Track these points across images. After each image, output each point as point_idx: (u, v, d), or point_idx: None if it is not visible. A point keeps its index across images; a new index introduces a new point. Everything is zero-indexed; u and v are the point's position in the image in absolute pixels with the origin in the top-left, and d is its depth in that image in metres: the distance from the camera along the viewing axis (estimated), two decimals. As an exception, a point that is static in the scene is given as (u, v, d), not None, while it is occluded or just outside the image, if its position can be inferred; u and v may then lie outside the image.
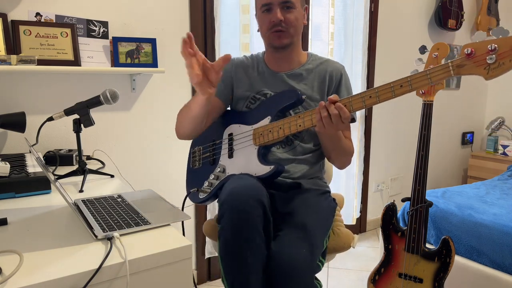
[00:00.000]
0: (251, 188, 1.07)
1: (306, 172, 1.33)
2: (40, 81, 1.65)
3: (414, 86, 1.03)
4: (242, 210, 1.02)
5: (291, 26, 1.26)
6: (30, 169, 1.23)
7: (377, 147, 2.97)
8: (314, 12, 2.47)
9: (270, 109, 1.27)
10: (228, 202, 1.04)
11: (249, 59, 1.43)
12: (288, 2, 1.24)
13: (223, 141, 1.35)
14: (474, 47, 0.98)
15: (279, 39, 1.27)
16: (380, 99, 1.06)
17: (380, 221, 1.65)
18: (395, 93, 1.05)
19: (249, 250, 1.01)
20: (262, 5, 1.26)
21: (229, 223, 1.02)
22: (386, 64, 2.91)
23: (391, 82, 1.05)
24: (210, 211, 2.15)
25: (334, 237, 1.27)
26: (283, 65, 1.35)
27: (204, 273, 2.24)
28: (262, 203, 1.05)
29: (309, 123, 1.16)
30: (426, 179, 1.56)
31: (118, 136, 1.87)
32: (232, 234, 1.02)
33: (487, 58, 0.96)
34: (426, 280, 1.54)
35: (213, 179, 1.31)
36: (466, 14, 3.41)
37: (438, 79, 1.01)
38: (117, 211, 0.95)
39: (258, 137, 1.26)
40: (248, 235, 1.02)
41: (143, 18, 1.87)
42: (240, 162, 1.27)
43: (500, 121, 3.41)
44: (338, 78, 1.35)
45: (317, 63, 1.37)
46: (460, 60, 1.01)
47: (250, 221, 1.02)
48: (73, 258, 0.72)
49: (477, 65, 0.98)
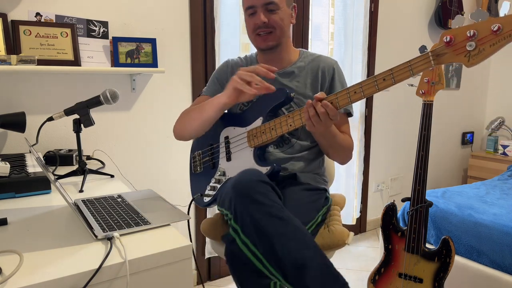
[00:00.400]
0: (250, 173, 1.06)
1: (304, 169, 1.34)
2: (40, 81, 1.65)
3: (397, 78, 1.02)
4: (248, 187, 1.01)
5: (276, 27, 1.26)
6: (30, 169, 1.23)
7: (377, 147, 2.97)
8: (314, 12, 2.47)
9: (261, 110, 1.28)
10: (234, 190, 1.02)
11: (243, 60, 1.44)
12: (271, 3, 1.23)
13: (220, 144, 1.36)
14: (452, 33, 0.94)
15: (264, 42, 1.28)
16: (365, 93, 1.06)
17: (380, 221, 1.65)
18: (378, 87, 1.04)
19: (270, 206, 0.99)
20: (246, 8, 1.27)
21: (238, 199, 1.00)
22: (386, 64, 2.91)
23: (374, 76, 1.05)
24: (210, 210, 2.15)
25: (329, 234, 1.28)
26: (275, 65, 1.35)
27: (204, 273, 2.24)
28: (267, 182, 1.04)
29: (298, 122, 1.17)
30: (426, 179, 1.56)
31: (118, 136, 1.87)
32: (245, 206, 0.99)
33: (466, 45, 0.92)
34: (426, 280, 1.54)
35: (214, 183, 1.32)
36: (466, 14, 3.41)
37: (419, 70, 0.99)
38: (117, 211, 0.95)
39: (252, 139, 1.27)
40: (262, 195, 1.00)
41: (143, 18, 1.87)
42: (238, 165, 1.28)
43: (500, 121, 3.41)
44: (331, 73, 1.35)
45: (309, 60, 1.38)
46: (439, 49, 0.96)
47: (258, 188, 1.01)
48: (73, 258, 0.72)
49: (457, 53, 0.94)
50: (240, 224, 1.00)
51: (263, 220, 0.97)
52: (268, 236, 0.96)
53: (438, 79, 1.51)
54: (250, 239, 0.99)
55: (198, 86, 2.05)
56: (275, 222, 0.98)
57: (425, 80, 1.54)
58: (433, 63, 0.97)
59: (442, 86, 1.51)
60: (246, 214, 0.98)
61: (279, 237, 0.96)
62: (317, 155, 1.39)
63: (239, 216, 1.00)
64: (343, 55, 2.60)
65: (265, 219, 0.97)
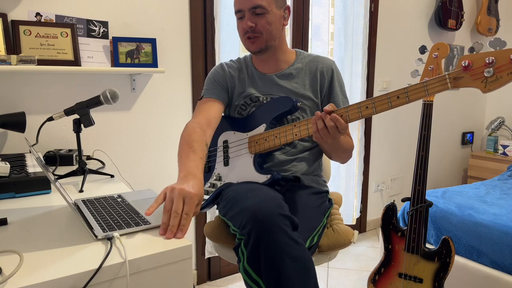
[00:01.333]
0: (272, 203, 1.02)
1: (306, 170, 1.34)
2: (40, 81, 1.65)
3: (412, 97, 1.02)
4: (270, 221, 0.97)
5: (263, 32, 1.25)
6: (30, 169, 1.23)
7: (377, 147, 2.97)
8: (314, 12, 2.47)
9: (265, 116, 1.27)
10: (253, 218, 0.98)
11: (237, 62, 1.42)
12: (258, 7, 1.22)
13: (218, 148, 1.34)
14: (471, 59, 0.96)
15: (253, 45, 1.27)
16: (377, 110, 1.05)
17: (380, 221, 1.65)
18: (391, 104, 1.04)
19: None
20: (235, 12, 1.27)
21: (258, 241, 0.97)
22: (386, 64, 2.91)
23: (388, 93, 1.05)
24: (210, 211, 2.16)
25: (334, 234, 1.28)
26: (270, 66, 1.35)
27: (204, 273, 2.24)
28: (286, 215, 1.01)
29: (305, 132, 1.16)
30: (426, 179, 1.56)
31: (118, 136, 1.87)
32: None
33: (484, 71, 0.94)
34: (426, 280, 1.54)
35: (209, 187, 1.31)
36: (466, 14, 3.41)
37: (434, 91, 1.00)
38: (117, 211, 0.95)
39: (253, 145, 1.25)
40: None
41: (143, 18, 1.87)
42: (236, 170, 1.27)
43: (500, 121, 3.41)
44: (330, 74, 1.34)
45: (307, 60, 1.37)
46: (457, 73, 0.98)
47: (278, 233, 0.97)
48: (73, 258, 0.72)
49: (474, 78, 0.96)
50: (249, 253, 0.99)
51: (279, 260, 0.96)
52: (280, 278, 0.95)
53: (438, 79, 1.51)
54: (254, 269, 0.98)
55: (198, 86, 2.05)
56: (291, 264, 0.96)
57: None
58: (450, 86, 0.98)
59: (442, 86, 1.51)
60: (263, 248, 0.96)
61: (292, 281, 0.96)
62: (317, 156, 1.39)
63: (251, 246, 0.98)
64: (343, 55, 2.60)
65: (282, 260, 0.96)
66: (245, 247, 1.00)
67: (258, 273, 0.98)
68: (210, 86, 1.39)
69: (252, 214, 0.98)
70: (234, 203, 1.09)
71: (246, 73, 1.38)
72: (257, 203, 1.01)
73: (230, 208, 1.10)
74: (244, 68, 1.39)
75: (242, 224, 1.00)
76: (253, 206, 1.00)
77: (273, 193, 1.10)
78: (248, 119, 1.31)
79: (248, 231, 0.98)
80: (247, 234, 0.99)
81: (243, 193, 1.10)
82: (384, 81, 2.91)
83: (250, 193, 1.08)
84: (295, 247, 0.99)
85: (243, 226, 1.00)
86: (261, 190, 1.11)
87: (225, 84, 1.38)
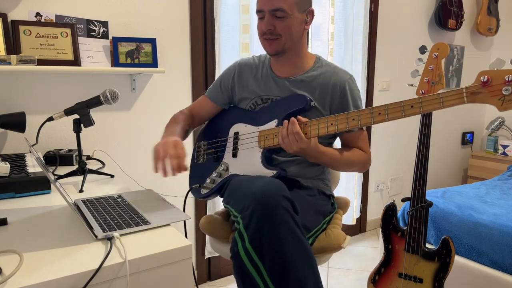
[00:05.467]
0: (276, 186, 1.04)
1: (307, 173, 1.32)
2: (40, 81, 1.65)
3: (425, 108, 1.01)
4: (274, 202, 0.99)
5: (282, 35, 1.21)
6: (30, 169, 1.23)
7: (377, 147, 2.97)
8: (314, 12, 2.46)
9: (277, 112, 1.26)
10: (256, 199, 1.00)
11: (256, 60, 1.40)
12: (278, 10, 1.18)
13: (229, 139, 1.34)
14: (491, 75, 0.94)
15: (269, 47, 1.25)
16: (390, 117, 1.06)
17: (380, 221, 1.65)
18: (405, 113, 1.04)
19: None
20: (256, 11, 1.25)
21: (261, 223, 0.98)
22: (386, 64, 2.91)
23: (386, 105, 1.05)
24: (210, 210, 2.16)
25: (325, 237, 1.26)
26: (286, 70, 1.32)
27: (204, 273, 2.24)
28: (289, 198, 1.03)
29: (315, 132, 1.15)
30: (426, 179, 1.56)
31: (118, 136, 1.87)
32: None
33: (503, 89, 0.92)
34: (426, 280, 1.54)
35: (215, 176, 1.31)
36: (466, 14, 3.41)
37: (450, 104, 0.98)
38: (117, 211, 0.95)
39: (263, 139, 1.25)
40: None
41: (143, 18, 1.87)
42: (244, 163, 1.27)
43: (500, 121, 3.41)
44: (342, 89, 1.28)
45: (323, 70, 1.31)
46: (475, 88, 0.96)
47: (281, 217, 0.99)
48: (73, 258, 0.72)
49: (491, 95, 0.94)
50: (251, 234, 0.98)
51: (284, 240, 0.96)
52: (284, 257, 0.96)
53: (438, 79, 1.51)
54: (256, 251, 0.98)
55: (198, 86, 2.05)
56: (294, 244, 0.98)
57: (425, 80, 1.54)
58: (466, 100, 0.97)
59: (442, 86, 1.51)
60: (266, 228, 0.97)
61: (295, 263, 0.97)
62: None
63: (254, 226, 0.98)
64: (343, 55, 2.60)
65: (286, 239, 0.97)
66: (245, 228, 0.99)
67: (260, 255, 0.98)
68: (214, 86, 1.44)
69: (255, 196, 1.00)
70: (238, 189, 1.10)
71: (261, 72, 1.36)
72: (261, 186, 1.02)
73: (233, 194, 1.11)
74: (261, 66, 1.37)
75: (245, 207, 1.01)
76: (257, 188, 1.02)
77: (277, 180, 1.10)
78: (261, 113, 1.30)
79: (250, 212, 0.99)
80: (249, 215, 0.99)
81: (247, 180, 1.11)
82: (384, 81, 2.91)
83: (253, 180, 1.10)
84: (298, 231, 1.00)
85: (245, 208, 1.01)
86: (265, 178, 1.12)
87: (228, 85, 1.39)
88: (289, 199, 1.02)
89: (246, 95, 1.36)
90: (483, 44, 3.69)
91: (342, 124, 1.12)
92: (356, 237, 2.93)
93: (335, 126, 1.12)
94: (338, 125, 1.12)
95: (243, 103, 1.37)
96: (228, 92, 1.40)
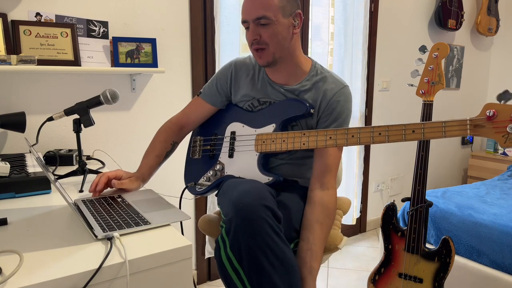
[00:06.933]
0: (254, 193, 1.03)
1: (305, 173, 1.32)
2: (40, 81, 1.65)
3: (427, 135, 0.98)
4: (250, 211, 0.99)
5: (269, 43, 1.16)
6: (30, 169, 1.23)
7: (377, 147, 2.97)
8: (314, 12, 2.47)
9: (276, 116, 1.24)
10: (234, 208, 1.00)
11: (253, 60, 1.35)
12: (262, 18, 1.13)
13: (225, 138, 1.33)
14: (497, 109, 0.92)
15: (260, 59, 1.21)
16: (380, 137, 1.05)
17: (380, 221, 1.65)
18: (405, 137, 1.02)
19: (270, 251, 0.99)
20: (241, 22, 1.21)
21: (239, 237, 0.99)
22: (386, 64, 2.91)
23: (379, 127, 1.04)
24: (210, 210, 2.16)
25: None
26: (281, 76, 1.28)
27: (204, 273, 2.24)
28: (269, 206, 1.01)
29: (313, 144, 1.15)
30: (426, 179, 1.56)
31: (118, 136, 1.87)
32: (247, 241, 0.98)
33: (508, 126, 0.90)
34: (426, 280, 1.54)
35: (211, 175, 1.30)
36: (466, 14, 3.41)
37: (452, 134, 0.96)
38: (117, 211, 0.95)
39: (260, 144, 1.23)
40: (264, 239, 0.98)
41: (143, 18, 1.87)
42: (240, 165, 1.26)
43: (500, 121, 3.41)
44: (330, 98, 1.23)
45: (317, 79, 1.27)
46: (479, 121, 0.94)
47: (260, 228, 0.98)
48: (73, 258, 0.72)
49: (495, 131, 0.92)
50: (230, 241, 1.00)
51: (260, 250, 0.97)
52: (260, 265, 0.97)
53: (438, 79, 1.51)
54: (236, 257, 0.99)
55: (198, 86, 2.05)
56: (271, 254, 0.98)
57: (425, 80, 1.54)
58: (469, 132, 0.95)
59: (442, 86, 1.51)
60: (243, 237, 0.97)
61: (272, 271, 0.97)
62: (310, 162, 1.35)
63: (232, 234, 0.99)
64: (343, 55, 2.60)
65: (262, 249, 0.97)
66: (226, 234, 1.01)
67: (240, 262, 0.99)
68: (209, 87, 1.38)
69: (234, 203, 1.00)
70: (224, 193, 1.10)
71: (257, 76, 1.32)
72: (241, 193, 1.02)
73: (222, 197, 1.11)
74: (257, 69, 1.33)
75: (227, 212, 1.02)
76: (236, 196, 1.01)
77: (261, 185, 1.09)
78: (259, 115, 1.28)
79: (229, 219, 1.00)
80: (228, 222, 1.00)
81: (232, 186, 1.11)
82: (384, 81, 2.91)
83: (238, 185, 1.09)
84: (277, 240, 1.00)
85: (226, 214, 1.02)
86: (250, 182, 1.10)
87: (224, 85, 1.36)
88: (269, 208, 1.00)
89: (242, 96, 1.34)
90: (483, 44, 3.69)
91: (341, 140, 1.12)
92: (356, 237, 2.93)
93: (333, 141, 1.12)
94: (337, 140, 1.12)
95: (241, 102, 1.36)
96: (225, 92, 1.37)
